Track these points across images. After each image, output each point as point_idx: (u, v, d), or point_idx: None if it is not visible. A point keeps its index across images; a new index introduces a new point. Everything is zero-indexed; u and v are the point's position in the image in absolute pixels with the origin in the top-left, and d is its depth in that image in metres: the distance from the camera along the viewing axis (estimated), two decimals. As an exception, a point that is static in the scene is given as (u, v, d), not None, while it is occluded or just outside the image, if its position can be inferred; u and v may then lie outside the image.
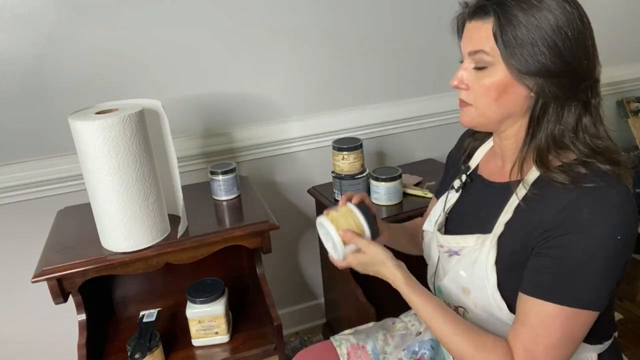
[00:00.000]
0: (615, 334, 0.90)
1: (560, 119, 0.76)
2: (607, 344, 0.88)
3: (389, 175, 1.42)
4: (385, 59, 1.71)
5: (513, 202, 0.81)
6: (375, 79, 1.73)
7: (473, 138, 0.99)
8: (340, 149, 1.44)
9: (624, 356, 0.95)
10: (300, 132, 1.66)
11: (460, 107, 0.84)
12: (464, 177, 0.96)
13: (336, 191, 1.49)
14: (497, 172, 0.90)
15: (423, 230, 1.03)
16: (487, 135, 0.97)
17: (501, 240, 0.81)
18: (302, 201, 1.74)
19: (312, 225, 1.78)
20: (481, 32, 0.76)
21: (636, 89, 2.20)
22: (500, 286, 0.81)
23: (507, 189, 0.83)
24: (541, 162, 0.77)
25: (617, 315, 1.81)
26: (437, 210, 0.99)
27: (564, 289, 0.73)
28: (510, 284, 0.80)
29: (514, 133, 0.83)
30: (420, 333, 1.06)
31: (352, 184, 1.45)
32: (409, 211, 1.41)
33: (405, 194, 1.49)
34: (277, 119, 1.64)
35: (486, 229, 0.84)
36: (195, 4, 1.43)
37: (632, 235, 0.73)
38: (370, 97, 1.74)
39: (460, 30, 0.84)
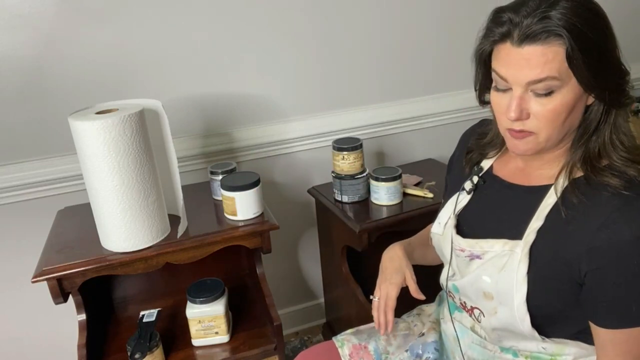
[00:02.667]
0: None
1: (616, 121, 0.76)
2: None
3: (389, 175, 1.42)
4: (385, 59, 1.71)
5: (545, 208, 0.79)
6: (375, 79, 1.73)
7: (478, 139, 0.96)
8: (340, 149, 1.44)
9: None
10: (300, 132, 1.66)
11: (516, 137, 0.77)
12: (475, 179, 0.92)
13: (336, 191, 1.49)
14: (518, 175, 0.87)
15: (431, 233, 1.00)
16: (497, 135, 0.93)
17: (533, 249, 0.79)
18: (302, 201, 1.74)
19: (312, 225, 1.78)
20: (546, 57, 0.70)
21: (636, 89, 2.20)
22: (529, 297, 0.79)
23: (535, 193, 0.81)
24: (591, 166, 0.76)
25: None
26: (447, 212, 0.95)
27: (634, 313, 0.74)
28: (540, 296, 0.79)
29: (564, 144, 0.80)
30: (423, 334, 1.06)
31: (352, 184, 1.46)
32: (409, 211, 1.41)
33: (405, 194, 1.49)
34: (277, 119, 1.64)
35: (514, 234, 0.81)
36: (195, 4, 1.43)
37: None
38: (370, 97, 1.74)
39: (487, 54, 0.78)
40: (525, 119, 0.74)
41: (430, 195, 1.46)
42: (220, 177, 1.35)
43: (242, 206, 1.24)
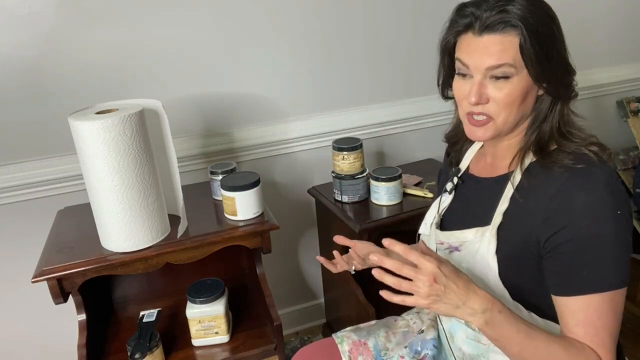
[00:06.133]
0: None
1: (562, 112, 0.84)
2: None
3: (389, 175, 1.42)
4: (385, 59, 1.71)
5: (508, 192, 0.85)
6: (376, 79, 1.73)
7: (454, 150, 1.03)
8: (340, 149, 1.44)
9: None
10: (300, 132, 1.66)
11: (476, 125, 0.84)
12: (455, 180, 0.98)
13: (336, 191, 1.49)
14: (487, 169, 0.93)
15: (419, 234, 1.04)
16: (469, 141, 1.00)
17: (501, 230, 0.84)
18: (302, 201, 1.74)
19: (312, 225, 1.78)
20: (503, 45, 0.77)
21: (636, 89, 2.20)
22: (502, 275, 0.83)
23: (499, 181, 0.88)
24: (542, 150, 0.83)
25: (617, 315, 1.81)
26: (432, 213, 1.01)
27: (594, 278, 0.76)
28: (512, 272, 0.83)
29: (518, 132, 0.86)
30: (422, 331, 1.06)
31: (352, 184, 1.46)
32: (409, 211, 1.41)
33: (405, 194, 1.49)
34: (277, 119, 1.64)
35: (484, 222, 0.87)
36: (195, 4, 1.43)
37: (629, 207, 0.78)
38: (370, 97, 1.74)
39: (452, 45, 0.86)
40: (485, 102, 0.81)
41: (430, 195, 1.46)
42: (220, 177, 1.35)
43: (242, 206, 1.24)
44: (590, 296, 0.76)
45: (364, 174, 1.47)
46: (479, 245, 0.86)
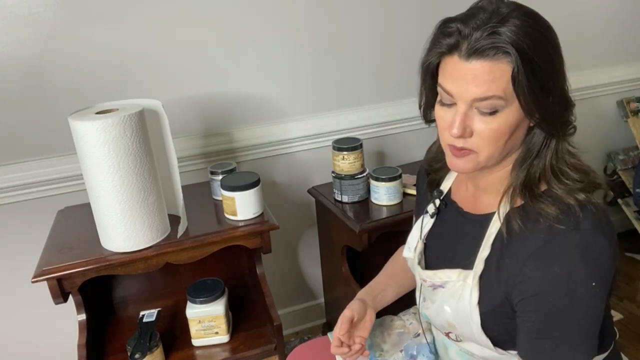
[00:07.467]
0: (617, 336, 0.90)
1: (557, 148, 0.75)
2: (608, 350, 0.88)
3: (389, 175, 1.42)
4: (385, 59, 1.71)
5: (489, 237, 0.79)
6: (375, 79, 1.73)
7: (437, 167, 0.94)
8: (340, 149, 1.44)
9: (623, 356, 0.95)
10: (300, 132, 1.66)
11: (457, 155, 0.75)
12: (437, 202, 0.91)
13: (336, 191, 1.49)
14: (468, 201, 0.87)
15: (404, 256, 0.99)
16: (440, 150, 0.91)
17: (483, 278, 0.79)
18: (302, 201, 1.74)
19: (312, 225, 1.78)
20: (493, 74, 0.67)
21: (636, 89, 2.20)
22: (485, 327, 0.80)
23: (482, 222, 0.81)
24: (530, 192, 0.75)
25: (617, 315, 1.81)
26: (415, 237, 0.95)
27: (556, 352, 0.72)
28: (494, 324, 0.80)
29: (505, 165, 0.79)
30: (418, 335, 1.06)
31: (352, 184, 1.46)
32: (409, 211, 1.41)
33: (405, 194, 1.49)
34: (277, 119, 1.64)
35: (466, 264, 0.82)
36: (195, 4, 1.43)
37: (606, 273, 0.72)
38: (370, 97, 1.74)
39: (434, 66, 0.76)
40: (468, 136, 0.73)
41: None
42: (220, 177, 1.35)
43: (242, 206, 1.24)
44: None
45: (364, 174, 1.47)
46: (462, 292, 0.81)
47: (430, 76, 0.78)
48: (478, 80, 0.68)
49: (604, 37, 2.04)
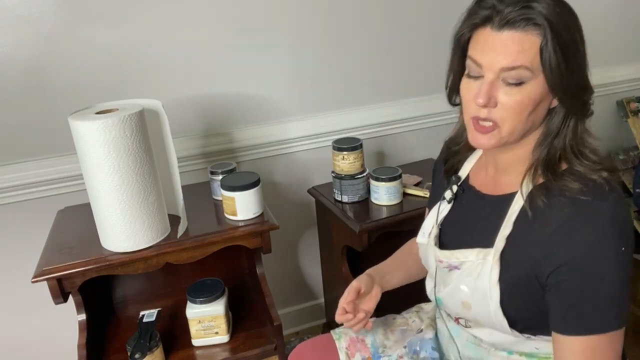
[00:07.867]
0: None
1: (575, 129, 0.78)
2: None
3: (389, 175, 1.42)
4: (385, 59, 1.71)
5: (511, 215, 0.80)
6: (376, 79, 1.73)
7: (455, 150, 0.96)
8: (340, 149, 1.44)
9: (623, 356, 0.95)
10: (300, 132, 1.66)
11: (480, 131, 0.77)
12: (455, 188, 0.93)
13: (336, 191, 1.49)
14: (488, 184, 0.88)
15: (417, 243, 0.99)
16: (470, 150, 0.94)
17: (504, 255, 0.80)
18: (302, 201, 1.74)
19: (312, 225, 1.78)
20: (522, 45, 0.71)
21: (636, 89, 2.20)
22: (503, 303, 0.80)
23: (502, 201, 0.82)
24: (552, 170, 0.77)
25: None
26: (430, 222, 0.96)
27: (595, 318, 0.73)
28: (514, 301, 0.80)
29: (526, 144, 0.80)
30: (421, 330, 1.06)
31: (352, 184, 1.45)
32: (408, 211, 1.41)
33: (405, 194, 1.49)
34: (277, 119, 1.64)
35: (487, 243, 0.82)
36: (196, 4, 1.43)
37: (631, 239, 0.74)
38: (370, 97, 1.74)
39: (466, 40, 0.78)
40: (493, 107, 0.75)
41: (430, 195, 1.46)
42: (220, 177, 1.35)
43: (242, 206, 1.24)
44: (591, 337, 0.73)
45: (364, 174, 1.47)
46: (481, 269, 0.82)
47: (460, 51, 0.81)
48: (508, 51, 0.71)
49: (604, 37, 2.04)
